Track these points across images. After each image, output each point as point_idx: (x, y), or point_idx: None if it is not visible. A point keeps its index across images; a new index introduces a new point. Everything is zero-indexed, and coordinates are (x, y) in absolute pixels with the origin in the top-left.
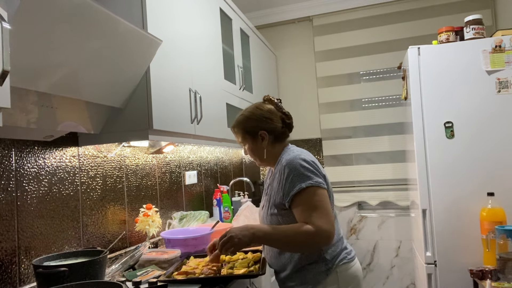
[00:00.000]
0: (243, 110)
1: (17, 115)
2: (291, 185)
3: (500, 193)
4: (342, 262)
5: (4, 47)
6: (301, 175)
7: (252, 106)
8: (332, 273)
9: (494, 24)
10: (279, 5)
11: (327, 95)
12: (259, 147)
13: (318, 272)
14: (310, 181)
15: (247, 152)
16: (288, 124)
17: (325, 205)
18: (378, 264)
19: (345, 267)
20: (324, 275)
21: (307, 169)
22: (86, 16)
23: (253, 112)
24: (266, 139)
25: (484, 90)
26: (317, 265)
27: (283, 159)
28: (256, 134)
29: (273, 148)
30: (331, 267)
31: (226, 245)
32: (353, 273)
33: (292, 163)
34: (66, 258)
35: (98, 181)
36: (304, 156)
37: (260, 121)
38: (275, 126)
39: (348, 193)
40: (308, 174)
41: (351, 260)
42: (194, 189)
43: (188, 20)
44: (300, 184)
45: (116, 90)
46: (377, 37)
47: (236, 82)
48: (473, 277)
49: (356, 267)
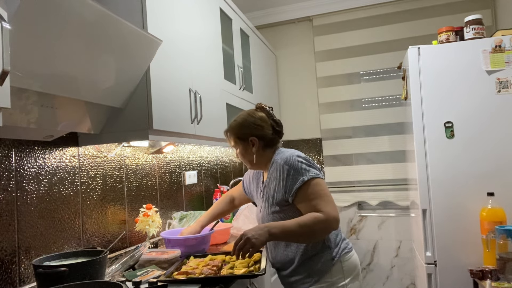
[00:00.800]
0: (237, 116)
1: (17, 115)
2: (293, 180)
3: (500, 193)
4: (344, 252)
5: (4, 47)
6: (300, 170)
7: (244, 113)
8: (337, 263)
9: (494, 24)
10: (279, 5)
11: (327, 95)
12: (249, 152)
13: (325, 261)
14: (310, 174)
15: (238, 155)
16: (278, 131)
17: (328, 193)
18: (378, 264)
19: (347, 256)
20: (330, 264)
21: (304, 163)
22: (86, 16)
23: (246, 119)
24: (256, 145)
25: (484, 90)
26: (323, 254)
27: (279, 159)
28: (247, 140)
29: (264, 152)
30: (335, 256)
31: (245, 248)
32: (354, 261)
33: (290, 160)
34: (66, 258)
35: (98, 181)
36: (298, 153)
37: (251, 128)
38: (265, 133)
39: (348, 193)
40: (307, 168)
41: (350, 250)
42: (194, 189)
43: (188, 20)
44: (302, 177)
45: (116, 90)
46: (377, 37)
47: (236, 82)
48: (473, 277)
49: (355, 257)
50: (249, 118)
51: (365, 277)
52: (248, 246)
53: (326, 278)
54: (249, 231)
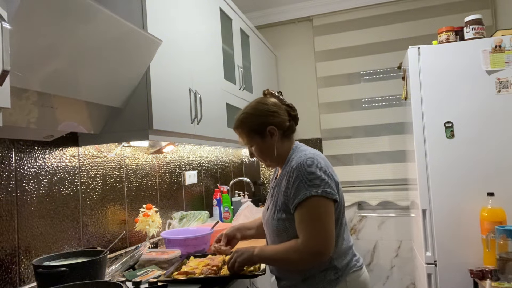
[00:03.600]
0: (244, 108)
1: (17, 115)
2: (296, 191)
3: (500, 193)
4: (352, 271)
5: (4, 47)
6: (308, 182)
7: (253, 102)
8: (342, 282)
9: (494, 24)
10: (279, 5)
11: (327, 95)
12: (269, 145)
13: (328, 281)
14: (317, 190)
15: (255, 153)
16: (294, 116)
17: (325, 219)
18: (378, 264)
19: (355, 275)
20: (334, 284)
21: (317, 176)
22: (86, 16)
23: (257, 107)
24: (276, 134)
25: (484, 90)
26: (327, 273)
27: (294, 160)
28: (263, 131)
29: (282, 144)
30: (340, 276)
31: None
32: (362, 281)
33: (303, 167)
34: (66, 258)
35: (98, 181)
36: (316, 160)
37: (266, 116)
38: (282, 119)
39: (348, 193)
40: (317, 182)
41: (360, 267)
42: (194, 189)
43: (188, 20)
44: (305, 191)
45: (116, 90)
46: (377, 37)
47: (236, 82)
48: (473, 277)
49: (365, 275)
50: (261, 106)
51: None
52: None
53: None
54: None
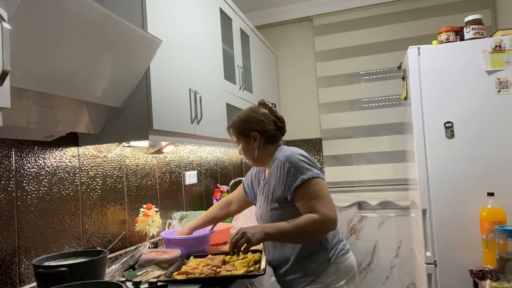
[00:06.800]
0: (239, 113)
1: (17, 115)
2: (293, 178)
3: (500, 193)
4: (340, 253)
5: (4, 47)
6: (301, 168)
7: (247, 109)
8: (333, 264)
9: (494, 24)
10: (279, 5)
11: (327, 95)
12: (251, 147)
13: (321, 262)
14: (311, 173)
15: (241, 151)
16: (280, 127)
17: (327, 194)
18: (378, 264)
19: (343, 258)
20: (326, 264)
21: (305, 162)
22: (86, 16)
23: (248, 114)
24: (258, 140)
25: (484, 90)
26: (319, 254)
27: (280, 156)
28: (248, 135)
29: (265, 148)
30: (331, 257)
31: (240, 242)
32: (350, 263)
33: (291, 158)
34: (66, 258)
35: (98, 181)
36: (300, 151)
37: (253, 123)
38: (267, 128)
39: (348, 193)
40: (308, 167)
41: (347, 251)
42: (194, 189)
43: (188, 20)
44: (301, 176)
45: (116, 90)
46: (377, 37)
47: (236, 82)
48: (473, 277)
49: (352, 259)
50: (252, 114)
51: (365, 277)
52: (243, 240)
53: (321, 279)
54: (246, 228)
